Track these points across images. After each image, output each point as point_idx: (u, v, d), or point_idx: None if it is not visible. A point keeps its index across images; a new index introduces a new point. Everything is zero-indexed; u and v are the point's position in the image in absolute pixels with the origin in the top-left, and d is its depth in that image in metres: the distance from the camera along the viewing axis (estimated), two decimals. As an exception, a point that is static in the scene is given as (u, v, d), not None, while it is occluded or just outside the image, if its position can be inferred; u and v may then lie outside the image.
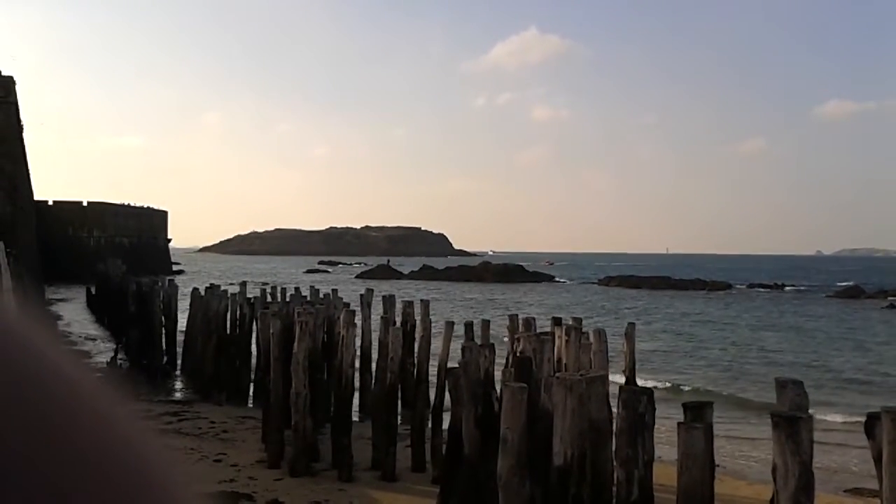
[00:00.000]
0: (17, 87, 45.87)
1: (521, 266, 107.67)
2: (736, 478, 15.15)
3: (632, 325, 15.69)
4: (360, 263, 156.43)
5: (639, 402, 6.55)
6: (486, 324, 15.50)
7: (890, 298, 68.09)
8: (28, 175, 54.62)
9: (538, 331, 14.77)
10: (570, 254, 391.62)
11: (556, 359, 11.98)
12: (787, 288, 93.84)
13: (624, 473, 6.50)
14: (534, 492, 7.82)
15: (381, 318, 16.37)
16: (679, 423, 6.37)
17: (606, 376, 7.35)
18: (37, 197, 68.94)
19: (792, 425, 5.50)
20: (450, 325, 15.74)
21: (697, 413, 6.49)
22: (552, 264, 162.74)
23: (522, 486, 7.67)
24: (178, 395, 23.92)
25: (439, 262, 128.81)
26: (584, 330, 14.03)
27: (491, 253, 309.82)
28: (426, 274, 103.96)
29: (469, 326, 15.84)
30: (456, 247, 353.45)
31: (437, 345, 16.78)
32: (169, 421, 18.92)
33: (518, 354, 9.64)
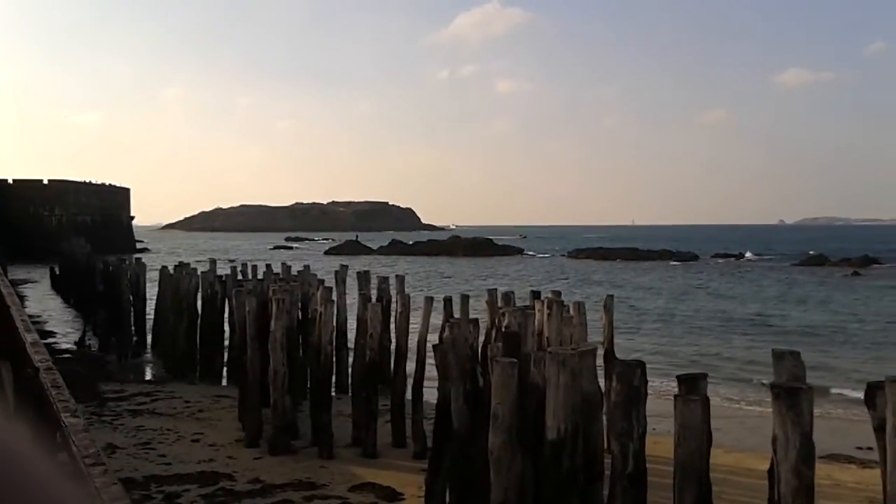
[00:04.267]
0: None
1: (491, 240, 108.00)
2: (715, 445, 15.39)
3: (610, 297, 15.75)
4: (327, 239, 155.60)
5: (633, 375, 6.52)
6: (465, 299, 15.44)
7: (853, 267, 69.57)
8: (-15, 153, 53.16)
9: (516, 305, 14.75)
10: (536, 227, 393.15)
11: (536, 332, 11.96)
12: (752, 257, 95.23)
13: (619, 447, 6.48)
14: (524, 466, 7.79)
15: (360, 294, 16.23)
16: (675, 395, 6.36)
17: (596, 350, 7.32)
18: (-5, 175, 67.33)
19: (793, 396, 5.51)
20: (429, 300, 15.65)
21: (692, 385, 6.48)
22: (525, 237, 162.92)
23: (514, 460, 7.64)
24: (149, 374, 23.60)
25: (408, 237, 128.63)
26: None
27: (453, 227, 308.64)
28: (395, 249, 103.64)
29: (448, 301, 15.77)
30: (424, 221, 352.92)
31: (414, 320, 16.68)
32: (142, 402, 18.67)
33: (504, 329, 9.58)
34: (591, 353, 7.22)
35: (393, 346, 16.49)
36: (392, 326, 16.98)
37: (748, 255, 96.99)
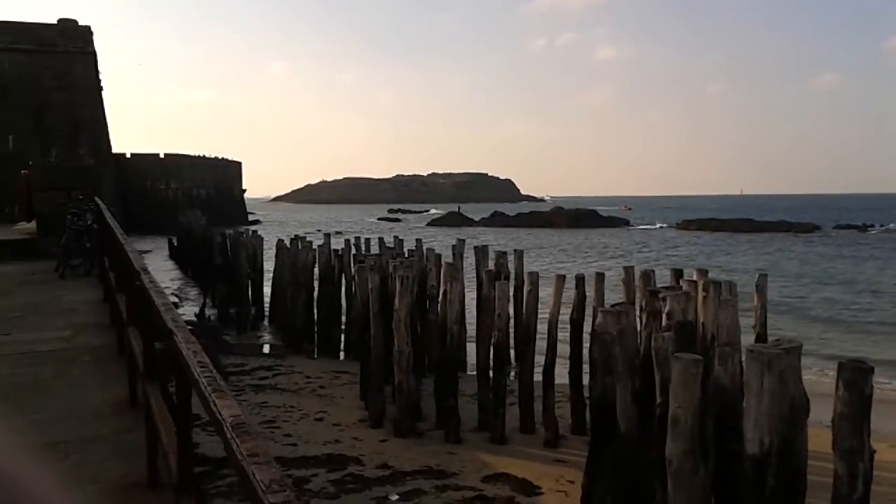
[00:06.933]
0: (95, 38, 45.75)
1: (595, 211, 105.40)
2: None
3: (764, 275, 14.34)
4: (428, 210, 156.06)
5: (864, 382, 5.43)
6: (600, 277, 14.36)
7: None
8: (107, 127, 55.04)
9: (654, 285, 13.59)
10: (638, 197, 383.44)
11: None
12: (878, 228, 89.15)
13: (846, 467, 5.41)
14: (706, 480, 6.80)
15: (486, 271, 15.40)
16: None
17: (801, 346, 6.21)
18: (114, 150, 69.82)
19: None
20: (560, 278, 14.66)
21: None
22: (630, 209, 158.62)
23: (697, 472, 6.65)
24: (267, 348, 23.63)
25: (508, 208, 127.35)
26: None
27: (548, 199, 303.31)
28: (497, 221, 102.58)
29: (581, 281, 14.74)
30: (523, 192, 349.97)
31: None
32: (263, 376, 18.54)
33: (667, 316, 8.54)
34: (797, 351, 6.12)
35: (512, 326, 15.63)
36: (512, 304, 16.10)
37: (876, 226, 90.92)
